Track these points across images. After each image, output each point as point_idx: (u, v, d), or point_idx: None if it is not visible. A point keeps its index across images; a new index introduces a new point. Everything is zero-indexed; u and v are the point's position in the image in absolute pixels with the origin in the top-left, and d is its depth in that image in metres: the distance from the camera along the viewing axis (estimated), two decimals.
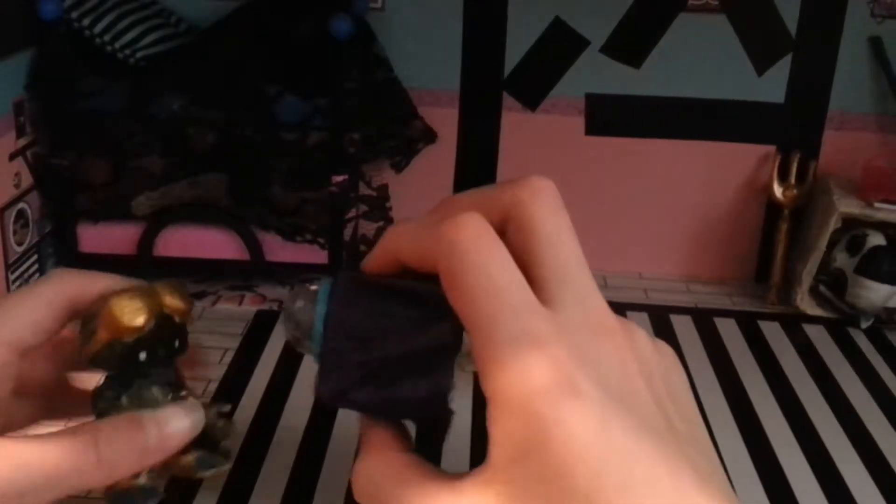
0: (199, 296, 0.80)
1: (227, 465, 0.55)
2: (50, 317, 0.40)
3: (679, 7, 0.83)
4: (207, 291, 0.81)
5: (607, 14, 0.83)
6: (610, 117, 0.86)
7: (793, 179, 0.85)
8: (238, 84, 0.78)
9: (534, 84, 0.85)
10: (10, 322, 0.39)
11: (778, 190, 0.85)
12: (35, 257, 0.79)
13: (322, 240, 0.80)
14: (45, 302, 0.40)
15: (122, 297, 0.39)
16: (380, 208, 0.85)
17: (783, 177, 0.85)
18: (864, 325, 0.80)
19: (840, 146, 0.85)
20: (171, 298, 0.40)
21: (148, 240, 0.79)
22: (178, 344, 0.41)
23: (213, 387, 0.67)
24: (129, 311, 0.39)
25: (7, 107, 0.74)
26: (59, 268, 0.49)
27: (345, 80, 0.77)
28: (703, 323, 0.80)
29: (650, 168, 0.87)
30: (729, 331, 0.79)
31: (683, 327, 0.79)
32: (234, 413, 0.62)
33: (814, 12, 0.82)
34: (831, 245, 0.80)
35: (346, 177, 0.79)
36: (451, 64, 0.85)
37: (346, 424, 0.62)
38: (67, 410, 0.44)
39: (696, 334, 0.78)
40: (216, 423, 0.58)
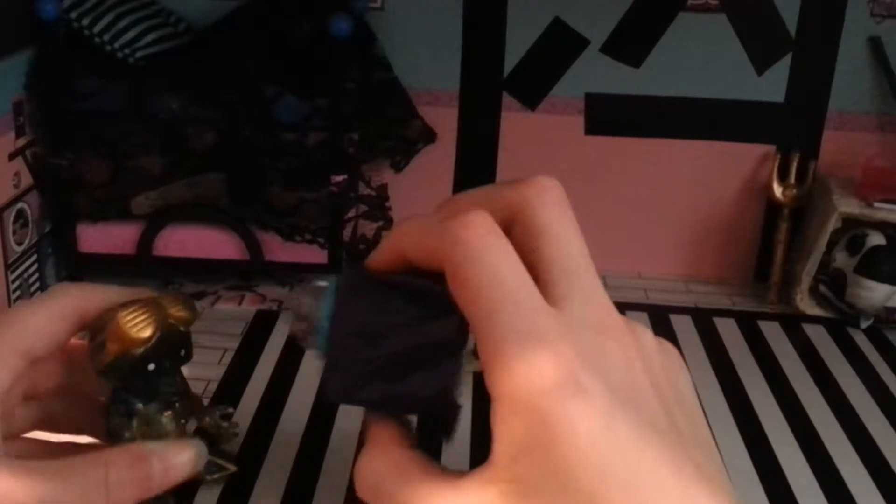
0: (198, 296, 0.80)
1: (233, 468, 0.56)
2: (60, 328, 0.42)
3: (679, 7, 0.83)
4: (207, 291, 0.81)
5: (607, 14, 0.83)
6: (610, 117, 0.86)
7: (793, 179, 0.85)
8: (237, 84, 0.78)
9: (533, 84, 0.85)
10: (22, 332, 0.41)
11: (778, 190, 0.85)
12: (34, 257, 0.78)
13: (321, 240, 0.80)
14: (55, 314, 0.42)
15: (128, 310, 0.41)
16: (379, 208, 0.85)
17: (783, 176, 0.85)
18: (864, 324, 0.80)
19: (840, 146, 0.85)
20: (175, 309, 0.42)
21: (147, 240, 0.79)
22: (183, 352, 0.43)
23: (213, 387, 0.67)
24: (137, 324, 0.40)
25: (6, 107, 0.74)
26: (62, 282, 0.51)
27: (344, 80, 0.77)
28: (702, 323, 0.80)
29: (650, 168, 0.87)
30: (729, 331, 0.79)
31: (683, 327, 0.79)
32: (234, 413, 0.62)
33: (813, 12, 0.82)
34: (831, 245, 0.80)
35: (346, 177, 0.79)
36: (450, 64, 0.85)
37: (346, 424, 0.62)
38: (71, 418, 0.46)
39: (696, 334, 0.78)
40: (220, 426, 0.58)
